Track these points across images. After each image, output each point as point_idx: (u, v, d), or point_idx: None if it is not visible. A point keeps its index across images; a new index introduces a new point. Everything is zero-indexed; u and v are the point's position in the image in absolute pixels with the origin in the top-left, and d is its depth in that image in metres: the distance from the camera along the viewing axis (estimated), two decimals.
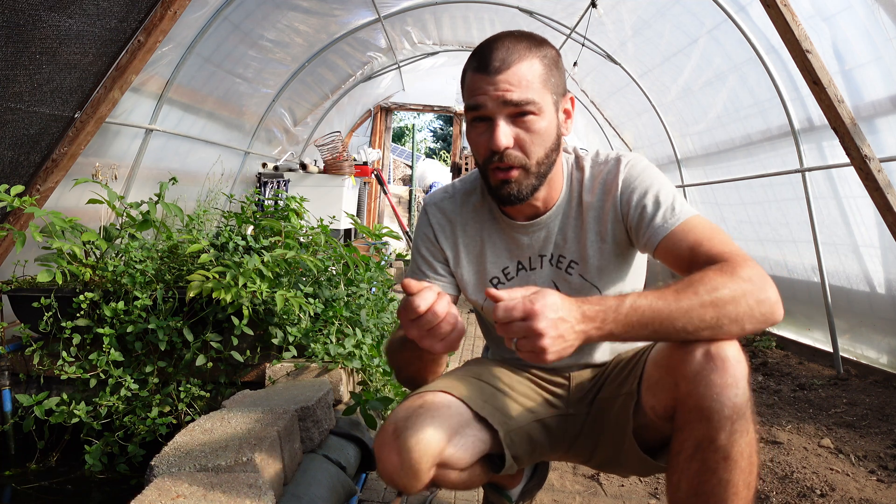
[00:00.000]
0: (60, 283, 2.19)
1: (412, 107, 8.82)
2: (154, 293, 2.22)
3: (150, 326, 2.16)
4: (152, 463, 1.41)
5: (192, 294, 2.09)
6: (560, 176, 1.32)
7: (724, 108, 4.42)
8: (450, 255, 1.40)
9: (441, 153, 23.19)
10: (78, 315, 2.20)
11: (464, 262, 1.40)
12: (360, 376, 2.40)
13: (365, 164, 7.20)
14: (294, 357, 2.30)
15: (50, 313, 2.19)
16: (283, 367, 2.25)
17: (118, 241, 2.45)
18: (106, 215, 2.97)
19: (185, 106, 4.00)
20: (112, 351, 2.16)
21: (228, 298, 2.08)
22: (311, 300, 2.34)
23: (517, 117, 1.17)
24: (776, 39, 3.16)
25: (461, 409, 1.24)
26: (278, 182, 5.81)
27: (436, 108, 9.02)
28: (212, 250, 2.35)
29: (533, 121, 1.17)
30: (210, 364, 2.19)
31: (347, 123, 7.96)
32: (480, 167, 1.26)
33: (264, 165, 5.81)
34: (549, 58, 1.20)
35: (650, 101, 5.40)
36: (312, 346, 2.24)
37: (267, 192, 5.66)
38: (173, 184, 2.64)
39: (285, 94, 5.50)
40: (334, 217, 3.44)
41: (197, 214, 2.74)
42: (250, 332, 2.21)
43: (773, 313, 1.03)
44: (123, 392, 2.14)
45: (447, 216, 1.41)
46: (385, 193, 7.76)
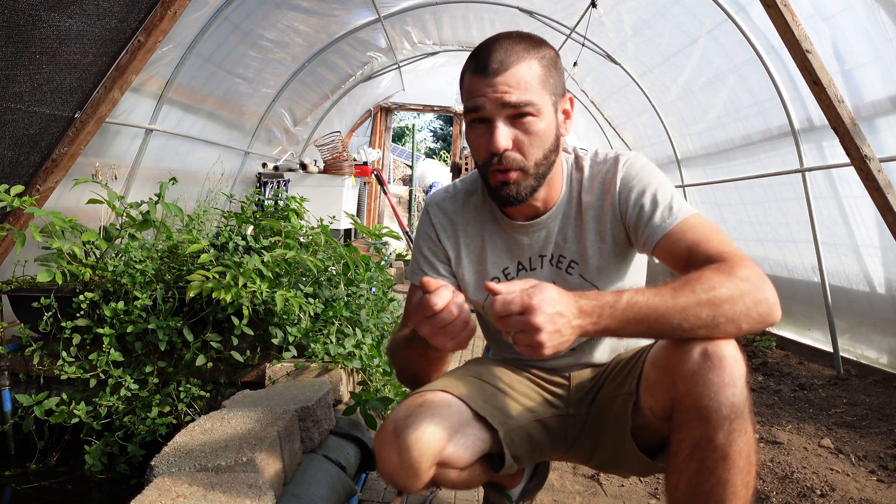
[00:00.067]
0: (60, 283, 2.20)
1: (412, 107, 8.82)
2: (154, 293, 2.22)
3: (150, 326, 2.16)
4: (152, 463, 1.41)
5: (192, 294, 2.09)
6: (560, 176, 1.32)
7: (724, 108, 4.42)
8: (451, 255, 1.40)
9: (441, 153, 23.19)
10: (78, 315, 2.21)
11: (465, 263, 1.40)
12: (360, 376, 2.40)
13: (365, 164, 7.20)
14: (294, 357, 2.30)
15: (50, 313, 2.19)
16: (283, 367, 2.25)
17: (118, 241, 2.45)
18: (106, 215, 2.98)
19: (185, 106, 4.00)
20: (112, 351, 2.16)
21: (228, 298, 2.08)
22: (311, 300, 2.34)
23: (516, 119, 1.17)
24: (776, 39, 3.16)
25: (461, 409, 1.24)
26: (278, 182, 5.82)
27: (436, 108, 9.02)
28: (212, 250, 2.35)
29: (532, 122, 1.18)
30: (210, 364, 2.20)
31: (347, 123, 7.96)
32: (480, 168, 1.26)
33: (264, 165, 5.81)
34: (548, 59, 1.20)
35: (650, 101, 5.40)
36: (312, 346, 2.25)
37: (267, 192, 5.66)
38: (173, 184, 2.64)
39: (285, 94, 5.50)
40: (334, 217, 3.44)
41: (197, 214, 2.74)
42: (250, 332, 2.21)
43: (770, 314, 1.03)
44: (123, 392, 2.15)
45: (449, 216, 1.41)
46: (385, 193, 7.76)
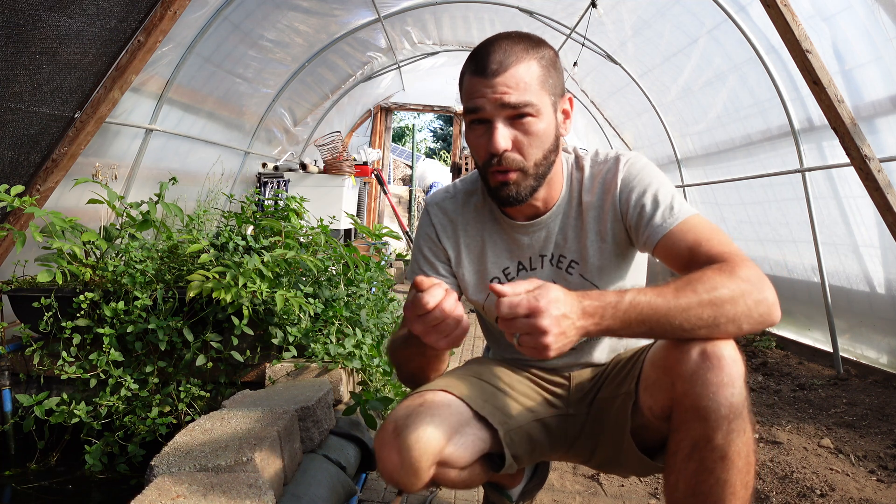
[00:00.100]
0: (60, 283, 2.20)
1: (412, 107, 8.82)
2: (154, 293, 2.22)
3: (150, 326, 2.16)
4: (152, 463, 1.41)
5: (192, 294, 2.09)
6: (560, 176, 1.32)
7: (724, 108, 4.42)
8: (452, 255, 1.40)
9: (441, 153, 23.19)
10: (78, 315, 2.21)
11: (465, 262, 1.40)
12: (360, 376, 2.40)
13: (365, 164, 7.20)
14: (294, 357, 2.30)
15: (50, 313, 2.19)
16: (283, 367, 2.25)
17: (118, 241, 2.45)
18: (106, 215, 2.98)
19: (185, 106, 4.00)
20: (112, 351, 2.16)
21: (228, 298, 2.08)
22: (311, 300, 2.34)
23: (515, 119, 1.17)
24: (776, 39, 3.16)
25: (461, 408, 1.24)
26: (278, 182, 5.81)
27: (436, 108, 9.02)
28: (212, 250, 2.35)
29: (531, 123, 1.18)
30: (210, 364, 2.20)
31: (347, 123, 7.96)
32: (480, 169, 1.26)
33: (264, 165, 5.81)
34: (547, 59, 1.20)
35: (650, 101, 5.40)
36: (312, 346, 2.25)
37: (267, 192, 5.66)
38: (173, 184, 2.64)
39: (285, 94, 5.50)
40: (334, 217, 3.44)
41: (197, 214, 2.74)
42: (250, 332, 2.21)
43: (770, 314, 1.03)
44: (123, 392, 2.15)
45: (449, 216, 1.41)
46: (385, 193, 7.76)
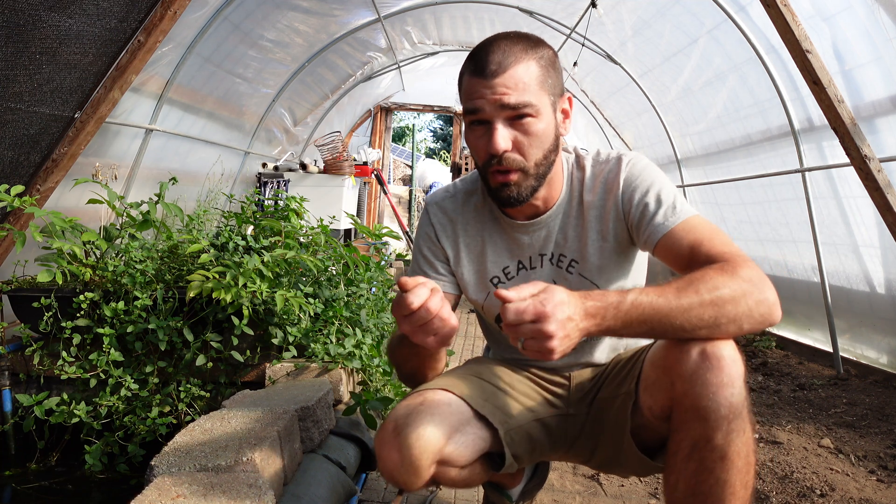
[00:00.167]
0: (60, 283, 2.19)
1: (412, 107, 8.82)
2: (154, 293, 2.22)
3: (150, 326, 2.16)
4: (152, 463, 1.41)
5: (192, 294, 2.09)
6: (560, 175, 1.32)
7: (724, 108, 4.42)
8: (450, 255, 1.40)
9: (441, 153, 23.19)
10: (78, 315, 2.20)
11: (464, 262, 1.40)
12: (360, 376, 2.40)
13: (365, 164, 7.20)
14: (294, 357, 2.30)
15: (50, 313, 2.19)
16: (283, 367, 2.25)
17: (118, 241, 2.45)
18: (106, 215, 2.98)
19: (185, 106, 4.00)
20: (112, 351, 2.16)
21: (228, 298, 2.08)
22: (311, 300, 2.34)
23: (515, 120, 1.17)
24: (776, 39, 3.16)
25: (461, 407, 1.24)
26: (278, 182, 5.81)
27: (436, 108, 9.02)
28: (212, 250, 2.35)
29: (531, 123, 1.18)
30: (210, 364, 2.20)
31: (347, 123, 7.97)
32: (480, 169, 1.26)
33: (264, 165, 5.81)
34: (546, 59, 1.20)
35: (650, 101, 5.40)
36: (312, 346, 2.24)
37: (267, 192, 5.66)
38: (173, 184, 2.64)
39: (285, 94, 5.50)
40: (334, 217, 3.44)
41: (197, 214, 2.74)
42: (250, 332, 2.21)
43: (771, 314, 1.03)
44: (123, 392, 2.14)
45: (448, 215, 1.41)
46: (385, 193, 7.76)
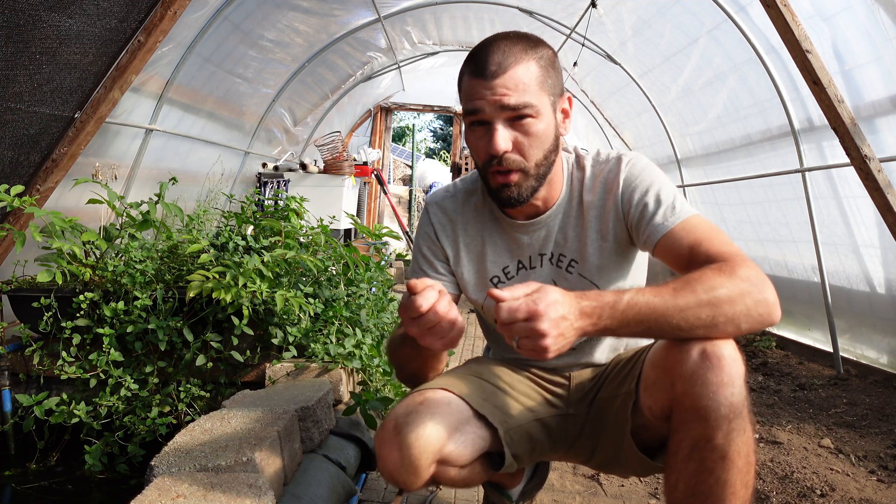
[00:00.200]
0: (60, 283, 2.19)
1: (412, 107, 8.82)
2: (154, 293, 2.22)
3: (150, 326, 2.16)
4: (152, 463, 1.41)
5: (192, 294, 2.09)
6: (560, 175, 1.32)
7: (724, 108, 4.42)
8: (450, 254, 1.40)
9: (441, 153, 23.19)
10: (78, 315, 2.20)
11: (464, 261, 1.40)
12: (360, 376, 2.40)
13: (365, 164, 7.20)
14: (294, 357, 2.30)
15: (50, 313, 2.19)
16: (283, 367, 2.25)
17: (118, 241, 2.45)
18: (106, 215, 2.98)
19: (185, 106, 4.00)
20: (112, 351, 2.16)
21: (228, 298, 2.08)
22: (311, 300, 2.34)
23: (515, 121, 1.17)
24: (776, 39, 3.16)
25: (461, 407, 1.24)
26: (278, 182, 5.81)
27: (436, 108, 9.02)
28: (212, 250, 2.35)
29: (531, 124, 1.18)
30: (210, 364, 2.20)
31: (347, 123, 7.96)
32: (480, 170, 1.26)
33: (264, 165, 5.81)
34: (546, 59, 1.20)
35: (650, 101, 5.40)
36: (312, 346, 2.24)
37: (267, 192, 5.66)
38: (173, 184, 2.64)
39: (285, 94, 5.50)
40: (334, 217, 3.44)
41: (197, 214, 2.74)
42: (250, 332, 2.21)
43: (770, 314, 1.03)
44: (123, 392, 2.14)
45: (448, 215, 1.41)
46: (385, 193, 7.76)
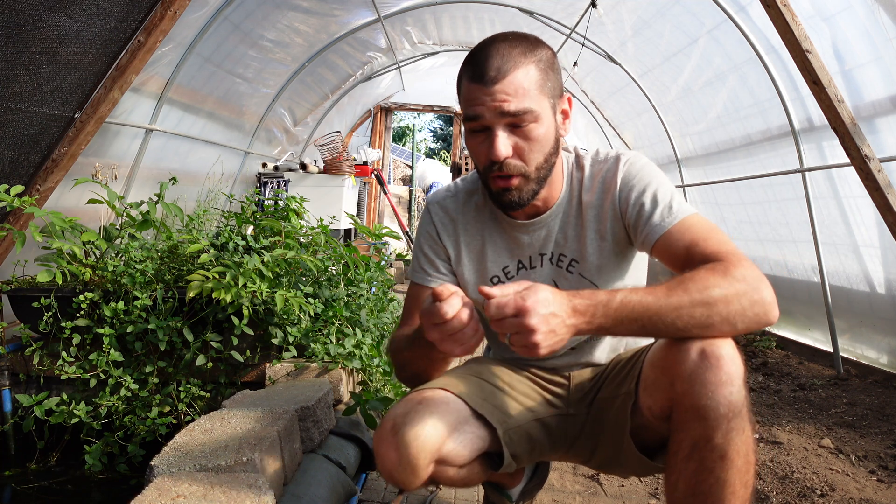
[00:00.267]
0: (60, 283, 2.20)
1: (412, 107, 8.82)
2: (154, 293, 2.22)
3: (150, 326, 2.16)
4: (152, 463, 1.41)
5: (192, 294, 2.09)
6: (560, 175, 1.32)
7: (724, 108, 4.42)
8: (452, 254, 1.40)
9: (441, 153, 23.19)
10: (78, 315, 2.21)
11: (465, 261, 1.40)
12: (360, 376, 2.40)
13: (365, 164, 7.20)
14: (294, 357, 2.30)
15: (50, 313, 2.19)
16: (283, 367, 2.25)
17: (118, 241, 2.45)
18: (106, 215, 2.98)
19: (185, 106, 4.00)
20: (112, 351, 2.16)
21: (228, 298, 2.08)
22: (311, 300, 2.34)
23: (515, 126, 1.17)
24: (776, 39, 3.16)
25: (460, 406, 1.24)
26: (278, 182, 5.81)
27: (436, 108, 9.02)
28: (212, 250, 2.35)
29: (531, 129, 1.17)
30: (210, 364, 2.20)
31: (347, 123, 7.97)
32: (481, 174, 1.26)
33: (264, 165, 5.81)
34: (545, 61, 1.20)
35: (650, 101, 5.40)
36: (312, 346, 2.25)
37: (267, 192, 5.66)
38: (173, 184, 2.64)
39: (285, 94, 5.50)
40: (334, 217, 3.44)
41: (197, 214, 2.74)
42: (250, 332, 2.21)
43: (766, 314, 1.03)
44: (123, 392, 2.14)
45: (450, 215, 1.41)
46: (385, 193, 7.76)
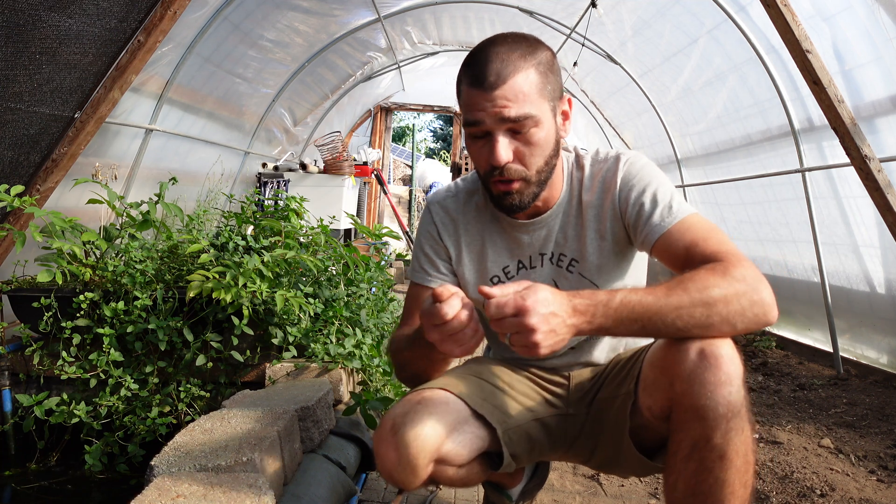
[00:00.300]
0: (60, 283, 2.20)
1: (412, 107, 8.82)
2: (154, 293, 2.22)
3: (150, 326, 2.16)
4: (152, 463, 1.41)
5: (192, 294, 2.09)
6: (560, 176, 1.32)
7: (724, 108, 4.42)
8: (453, 254, 1.40)
9: (441, 153, 23.19)
10: (78, 315, 2.21)
11: (465, 261, 1.40)
12: (360, 376, 2.40)
13: (365, 164, 7.20)
14: (294, 357, 2.30)
15: (50, 313, 2.19)
16: (283, 367, 2.25)
17: (118, 241, 2.45)
18: (106, 215, 2.98)
19: (185, 106, 4.00)
20: (112, 351, 2.16)
21: (228, 298, 2.08)
22: (311, 300, 2.34)
23: (516, 132, 1.17)
24: (776, 39, 3.16)
25: (459, 406, 1.24)
26: (278, 182, 5.81)
27: (436, 108, 9.02)
28: (212, 250, 2.35)
29: (532, 133, 1.17)
30: (210, 364, 2.20)
31: (347, 123, 7.96)
32: (481, 178, 1.26)
33: (264, 165, 5.81)
34: (545, 63, 1.19)
35: (650, 101, 5.40)
36: (312, 346, 2.25)
37: (267, 192, 5.66)
38: (173, 184, 2.64)
39: (285, 94, 5.50)
40: (334, 217, 3.44)
41: (197, 214, 2.74)
42: (250, 332, 2.21)
43: (766, 314, 1.03)
44: (123, 392, 2.15)
45: (450, 214, 1.41)
46: (385, 193, 7.76)
